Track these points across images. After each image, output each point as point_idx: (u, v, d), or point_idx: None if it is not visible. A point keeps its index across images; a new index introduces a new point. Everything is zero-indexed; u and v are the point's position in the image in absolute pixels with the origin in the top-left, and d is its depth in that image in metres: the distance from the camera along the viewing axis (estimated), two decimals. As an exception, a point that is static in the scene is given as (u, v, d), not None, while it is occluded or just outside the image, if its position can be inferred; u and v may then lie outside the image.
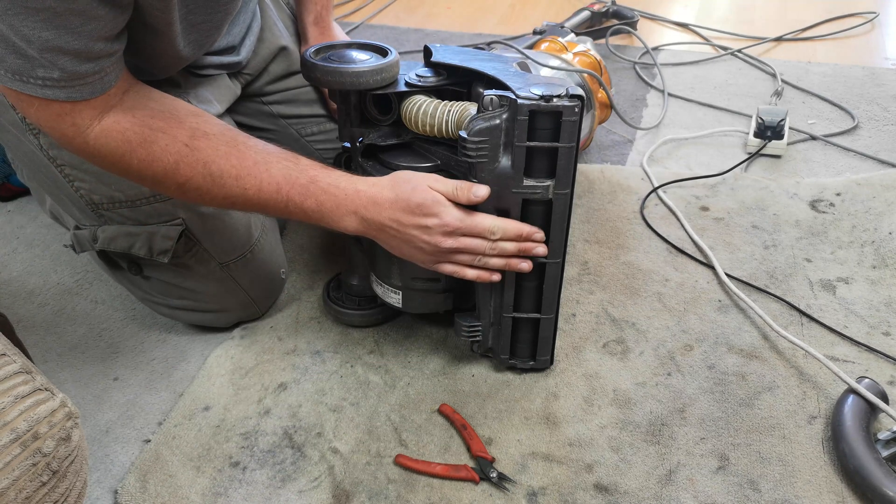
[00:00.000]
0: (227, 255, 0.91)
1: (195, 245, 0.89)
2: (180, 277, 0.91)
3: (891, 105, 1.45)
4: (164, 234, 0.86)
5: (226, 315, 0.96)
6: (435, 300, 0.88)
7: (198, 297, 0.93)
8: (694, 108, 1.46)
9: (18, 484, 0.50)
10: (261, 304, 0.98)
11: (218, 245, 0.90)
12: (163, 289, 0.93)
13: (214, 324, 0.97)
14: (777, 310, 0.97)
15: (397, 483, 0.77)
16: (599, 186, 1.21)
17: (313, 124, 1.10)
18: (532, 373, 0.89)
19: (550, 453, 0.79)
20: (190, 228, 0.87)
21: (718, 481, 0.76)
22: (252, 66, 1.02)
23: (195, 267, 0.90)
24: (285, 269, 1.02)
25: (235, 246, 0.92)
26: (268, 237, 0.97)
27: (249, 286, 0.95)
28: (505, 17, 1.94)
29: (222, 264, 0.91)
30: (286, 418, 0.84)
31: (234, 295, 0.94)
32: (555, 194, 0.76)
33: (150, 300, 0.96)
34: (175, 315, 0.96)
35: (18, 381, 0.53)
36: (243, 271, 0.93)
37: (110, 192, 0.85)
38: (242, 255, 0.93)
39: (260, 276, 0.96)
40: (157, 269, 0.90)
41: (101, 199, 0.86)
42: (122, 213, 0.86)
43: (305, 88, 1.08)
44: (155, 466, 0.79)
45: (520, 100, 0.71)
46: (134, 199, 0.85)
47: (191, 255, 0.89)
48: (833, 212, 1.13)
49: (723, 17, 1.90)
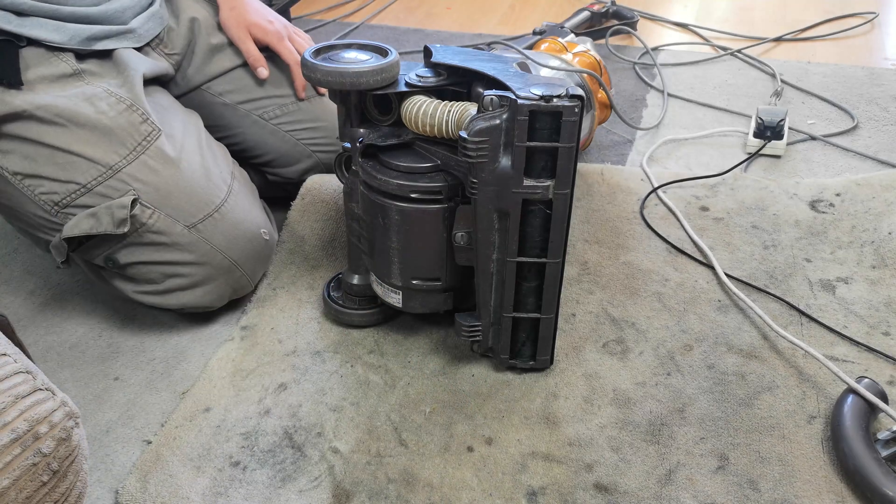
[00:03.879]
0: (191, 217, 0.91)
1: (155, 211, 0.90)
2: (155, 252, 0.91)
3: (891, 105, 1.45)
4: (120, 203, 0.88)
5: (213, 288, 0.95)
6: (435, 300, 0.88)
7: (178, 271, 0.92)
8: (694, 109, 1.46)
9: (19, 484, 0.50)
10: (246, 268, 0.96)
11: (178, 207, 0.91)
12: (143, 273, 0.93)
13: (205, 301, 0.95)
14: (777, 310, 0.97)
15: (397, 483, 0.77)
16: (599, 186, 1.22)
17: (274, 107, 1.10)
18: (532, 373, 0.89)
19: (550, 453, 0.80)
20: (143, 196, 0.89)
21: (718, 481, 0.76)
22: (174, 44, 1.04)
23: (163, 234, 0.90)
24: (268, 229, 1.00)
25: (198, 206, 0.92)
26: (239, 198, 0.97)
27: (227, 247, 0.94)
28: (505, 17, 1.95)
29: (189, 226, 0.91)
30: (286, 418, 0.84)
31: (212, 259, 0.93)
32: (555, 194, 0.76)
33: (137, 292, 0.95)
34: (165, 301, 0.95)
35: (18, 380, 0.53)
36: (214, 231, 0.93)
37: (65, 186, 0.89)
38: (209, 216, 0.92)
39: (236, 235, 0.95)
40: (130, 252, 0.91)
41: (62, 196, 0.89)
42: (81, 202, 0.89)
43: (246, 67, 1.09)
44: (155, 467, 0.79)
45: (520, 100, 0.72)
46: (86, 183, 0.88)
47: (154, 222, 0.90)
48: (833, 212, 1.13)
49: (722, 17, 1.90)
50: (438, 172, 0.82)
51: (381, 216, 0.84)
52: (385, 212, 0.83)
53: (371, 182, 0.83)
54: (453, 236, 0.82)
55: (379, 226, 0.85)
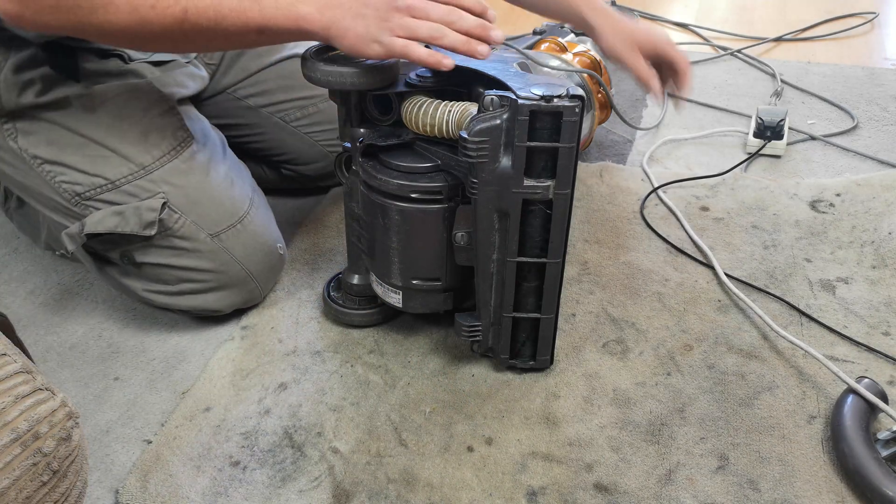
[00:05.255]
0: (216, 226, 0.91)
1: (182, 216, 0.89)
2: (174, 256, 0.91)
3: (891, 105, 1.45)
4: (149, 206, 0.87)
5: (226, 295, 0.95)
6: (435, 300, 0.88)
7: (194, 277, 0.93)
8: (694, 109, 1.46)
9: (19, 484, 0.50)
10: (260, 280, 0.97)
11: (204, 215, 0.91)
12: (160, 274, 0.93)
13: (216, 306, 0.96)
14: (777, 310, 0.97)
15: (397, 483, 0.77)
16: (599, 187, 1.22)
17: (296, 109, 1.11)
18: (532, 373, 0.89)
19: (550, 453, 0.80)
20: (172, 201, 0.89)
21: (718, 481, 0.76)
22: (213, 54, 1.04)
23: (186, 240, 0.90)
24: (282, 244, 1.01)
25: (223, 216, 0.92)
26: (259, 212, 0.97)
27: (245, 258, 0.94)
28: (505, 17, 1.94)
29: (213, 235, 0.91)
30: (286, 418, 0.84)
31: (230, 269, 0.93)
32: (555, 194, 0.76)
33: (148, 291, 0.95)
34: (175, 302, 0.95)
35: (18, 381, 0.53)
36: (235, 241, 0.93)
37: (91, 179, 0.88)
38: (232, 226, 0.93)
39: (255, 248, 0.95)
40: (149, 252, 0.91)
41: (84, 189, 0.88)
42: (105, 197, 0.88)
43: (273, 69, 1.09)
44: (156, 466, 0.79)
45: (520, 100, 0.72)
46: (115, 179, 0.88)
47: (180, 227, 0.90)
48: (833, 212, 1.13)
49: (722, 17, 1.90)
50: (438, 172, 0.82)
51: (381, 216, 0.84)
52: (385, 212, 0.83)
53: (371, 182, 0.83)
54: (453, 236, 0.82)
55: (379, 226, 0.85)
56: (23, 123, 0.89)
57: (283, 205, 1.19)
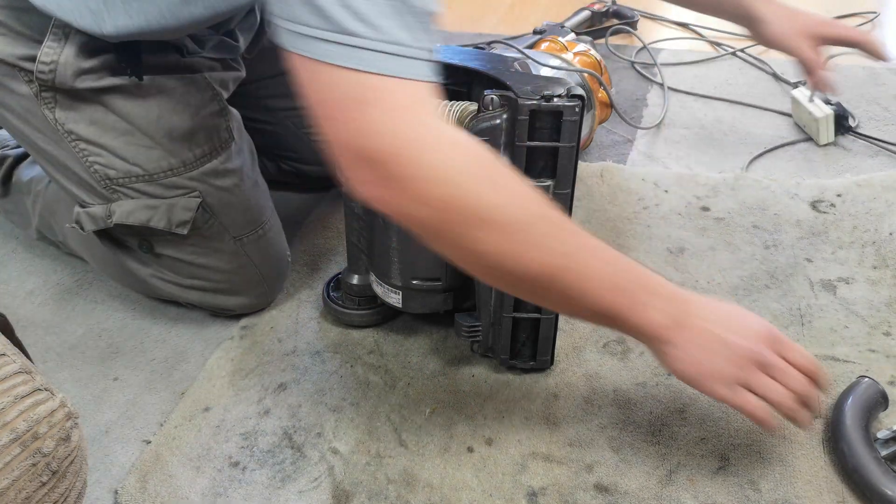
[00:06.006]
0: (241, 230, 0.92)
1: (211, 217, 0.90)
2: (194, 254, 0.91)
3: (891, 105, 1.45)
4: (184, 205, 0.87)
5: (236, 297, 0.96)
6: (435, 300, 0.88)
7: (210, 276, 0.93)
8: (694, 108, 1.46)
9: (18, 484, 0.50)
10: (270, 285, 0.98)
11: (233, 219, 0.91)
12: (175, 266, 0.93)
13: (223, 306, 0.96)
14: (777, 310, 0.97)
15: (397, 483, 0.77)
16: (599, 186, 1.21)
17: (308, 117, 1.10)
18: (532, 373, 0.89)
19: (550, 453, 0.79)
20: (207, 201, 0.88)
21: (718, 481, 0.76)
22: None
23: (211, 240, 0.91)
24: (289, 253, 1.02)
25: (249, 221, 0.93)
26: (276, 219, 0.98)
27: (261, 263, 0.95)
28: (505, 16, 1.95)
29: (237, 238, 0.92)
30: (286, 418, 0.84)
31: (246, 272, 0.94)
32: (555, 194, 0.76)
33: (155, 277, 0.95)
34: (185, 295, 0.96)
35: (18, 381, 0.53)
36: (255, 247, 0.94)
37: (127, 167, 0.86)
38: (255, 231, 0.93)
39: (271, 254, 0.96)
40: (170, 245, 0.90)
41: (118, 175, 0.86)
42: (137, 187, 0.87)
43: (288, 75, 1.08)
44: (155, 467, 0.79)
45: (520, 99, 0.71)
46: (153, 172, 0.86)
47: (208, 228, 0.90)
48: (834, 212, 1.13)
49: (723, 16, 1.89)
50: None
51: (380, 216, 0.84)
52: (385, 212, 0.83)
53: (371, 182, 0.83)
54: (453, 236, 0.82)
55: (379, 225, 0.84)
56: (66, 99, 0.84)
57: (283, 205, 1.19)
